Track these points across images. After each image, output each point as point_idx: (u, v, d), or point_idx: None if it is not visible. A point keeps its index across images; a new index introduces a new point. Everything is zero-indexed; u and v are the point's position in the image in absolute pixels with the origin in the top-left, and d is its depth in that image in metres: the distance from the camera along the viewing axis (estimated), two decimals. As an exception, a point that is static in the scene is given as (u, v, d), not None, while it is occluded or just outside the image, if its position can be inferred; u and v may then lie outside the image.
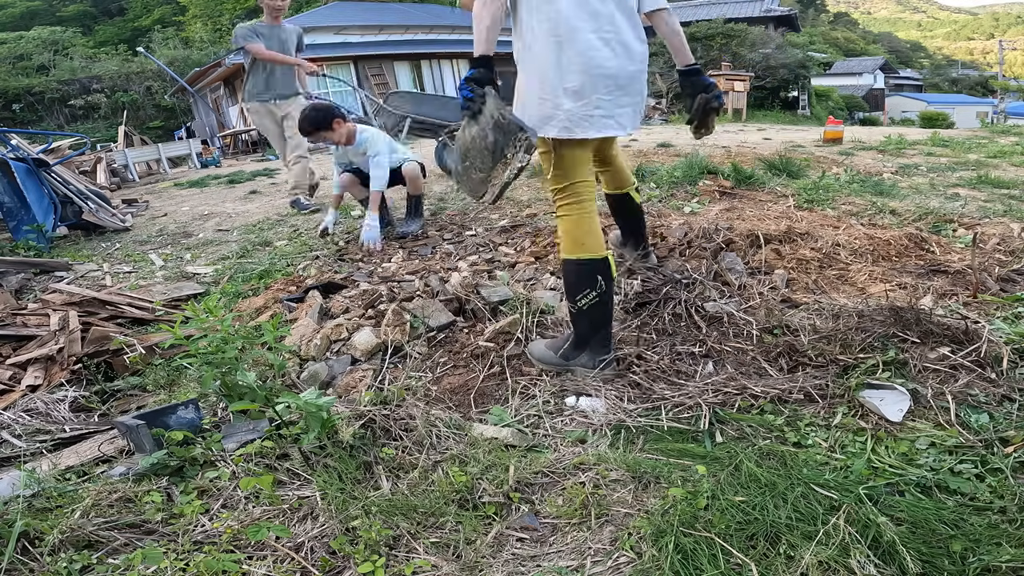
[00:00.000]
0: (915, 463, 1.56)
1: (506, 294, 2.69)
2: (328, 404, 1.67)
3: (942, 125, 16.83)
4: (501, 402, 2.07)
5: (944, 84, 47.99)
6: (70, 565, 1.30)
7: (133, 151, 9.89)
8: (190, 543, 1.38)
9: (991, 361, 1.94)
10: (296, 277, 3.40)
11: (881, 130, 11.79)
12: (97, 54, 27.84)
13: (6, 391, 2.25)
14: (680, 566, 1.24)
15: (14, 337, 2.58)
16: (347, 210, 4.98)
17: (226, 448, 1.74)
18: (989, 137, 8.21)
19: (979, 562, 1.19)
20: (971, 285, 2.63)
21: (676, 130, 12.00)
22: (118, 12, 38.03)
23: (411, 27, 22.04)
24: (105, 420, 2.13)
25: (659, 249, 3.33)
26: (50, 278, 3.80)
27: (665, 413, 1.91)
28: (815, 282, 2.84)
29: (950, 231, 3.58)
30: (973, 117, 24.34)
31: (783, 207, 4.08)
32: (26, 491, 1.53)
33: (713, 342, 2.30)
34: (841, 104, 23.80)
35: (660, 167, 5.59)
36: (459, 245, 3.75)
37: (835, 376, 1.98)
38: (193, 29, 31.48)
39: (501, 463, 1.65)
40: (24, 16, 33.89)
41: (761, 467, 1.52)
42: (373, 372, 2.27)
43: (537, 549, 1.39)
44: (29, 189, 4.79)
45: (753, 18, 25.08)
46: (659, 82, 19.78)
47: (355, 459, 1.66)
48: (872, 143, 7.75)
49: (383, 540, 1.37)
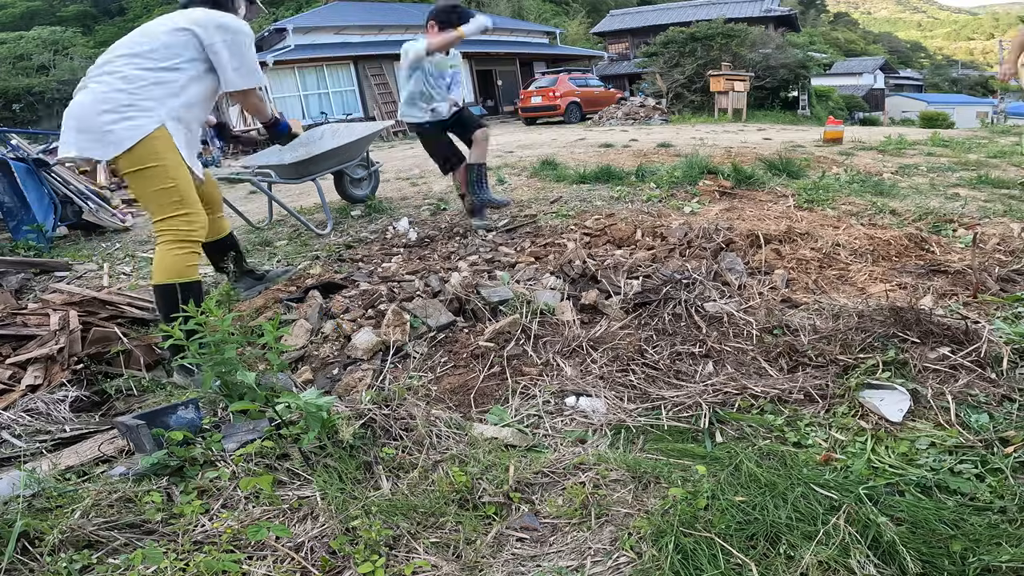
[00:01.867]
0: (915, 463, 1.56)
1: (506, 294, 2.69)
2: (328, 404, 1.66)
3: (942, 125, 16.83)
4: (501, 402, 2.07)
5: (944, 84, 48.03)
6: (70, 565, 1.30)
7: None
8: (190, 543, 1.38)
9: (991, 361, 1.94)
10: (296, 277, 3.39)
11: (881, 130, 11.79)
12: (97, 54, 27.80)
13: (6, 391, 2.25)
14: (680, 566, 1.24)
15: (14, 337, 2.58)
16: (347, 210, 4.99)
17: (226, 448, 1.74)
18: (989, 137, 8.20)
19: (979, 562, 1.19)
20: (971, 285, 2.63)
21: (676, 130, 12.01)
22: (118, 12, 38.06)
23: (411, 27, 22.01)
24: (105, 420, 2.13)
25: (659, 249, 3.33)
26: (50, 278, 3.80)
27: (665, 413, 1.91)
28: (815, 282, 2.85)
29: (950, 231, 3.58)
30: (973, 117, 24.33)
31: (783, 207, 4.08)
32: (26, 491, 1.53)
33: (713, 342, 2.30)
34: (841, 104, 23.78)
35: (660, 167, 5.59)
36: (459, 245, 3.75)
37: (835, 376, 1.98)
38: (193, 29, 31.46)
39: (501, 463, 1.65)
40: (24, 16, 33.90)
41: (761, 467, 1.52)
42: (373, 372, 2.28)
43: (537, 549, 1.39)
44: (29, 189, 4.79)
45: (753, 18, 25.10)
46: (659, 82, 19.78)
47: (355, 459, 1.66)
48: (872, 143, 7.75)
49: (383, 540, 1.37)
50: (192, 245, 2.42)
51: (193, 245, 2.43)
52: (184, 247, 2.39)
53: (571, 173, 5.49)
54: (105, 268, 4.05)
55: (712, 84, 17.07)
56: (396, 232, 4.19)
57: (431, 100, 3.86)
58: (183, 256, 2.38)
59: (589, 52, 27.82)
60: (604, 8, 37.70)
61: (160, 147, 2.31)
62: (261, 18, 30.81)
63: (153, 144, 2.29)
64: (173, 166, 2.34)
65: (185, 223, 2.39)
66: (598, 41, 33.08)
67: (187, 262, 2.39)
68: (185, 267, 2.38)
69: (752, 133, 10.66)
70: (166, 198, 2.35)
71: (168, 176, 2.33)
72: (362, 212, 4.88)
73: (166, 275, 2.35)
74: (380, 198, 5.17)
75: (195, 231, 2.42)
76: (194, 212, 2.41)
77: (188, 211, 2.39)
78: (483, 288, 2.76)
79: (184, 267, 2.37)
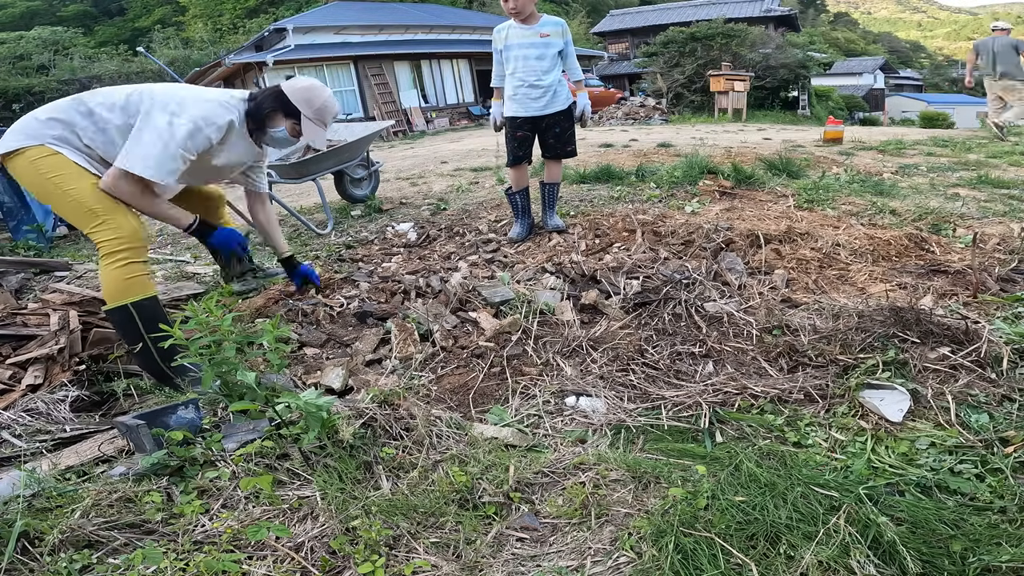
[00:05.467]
0: (915, 463, 1.56)
1: (507, 294, 2.69)
2: (328, 404, 1.66)
3: (942, 125, 16.82)
4: (501, 402, 2.07)
5: (944, 84, 48.03)
6: (70, 565, 1.30)
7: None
8: (190, 543, 1.38)
9: (991, 361, 1.94)
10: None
11: (881, 130, 11.79)
12: (97, 54, 27.87)
13: (6, 391, 2.25)
14: (680, 566, 1.23)
15: (14, 337, 2.58)
16: (347, 210, 4.99)
17: (226, 448, 1.74)
18: (989, 137, 8.20)
19: (979, 562, 1.19)
20: (971, 285, 2.63)
21: (676, 130, 12.01)
22: (118, 12, 38.06)
23: (411, 27, 22.05)
24: (105, 420, 2.13)
25: (659, 249, 3.33)
26: (50, 278, 3.80)
27: (665, 413, 1.91)
28: (815, 282, 2.85)
29: (950, 231, 3.58)
30: (973, 117, 24.32)
31: (783, 207, 4.08)
32: (26, 491, 1.53)
33: (713, 342, 2.30)
34: (841, 104, 23.79)
35: (660, 167, 5.59)
36: (459, 245, 3.75)
37: (835, 376, 1.98)
38: (193, 29, 31.52)
39: (501, 463, 1.65)
40: (24, 16, 33.91)
41: (761, 467, 1.52)
42: (374, 372, 2.27)
43: (537, 549, 1.39)
44: (29, 189, 4.79)
45: (753, 18, 25.12)
46: (659, 82, 19.78)
47: (355, 459, 1.66)
48: (872, 143, 7.75)
49: (383, 540, 1.37)
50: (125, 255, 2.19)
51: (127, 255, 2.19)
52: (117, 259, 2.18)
53: (571, 173, 5.49)
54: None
55: (712, 84, 17.09)
56: (396, 232, 4.19)
57: None
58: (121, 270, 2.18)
59: (589, 52, 27.82)
60: (604, 8, 37.74)
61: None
62: (261, 17, 30.81)
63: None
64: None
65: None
66: (598, 41, 33.09)
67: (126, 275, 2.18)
68: (125, 282, 2.18)
69: (752, 133, 10.65)
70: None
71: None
72: (362, 212, 4.88)
73: (110, 297, 2.19)
74: (380, 198, 5.18)
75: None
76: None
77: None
78: (483, 288, 2.76)
79: (125, 283, 2.18)
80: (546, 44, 3.43)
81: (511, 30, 3.46)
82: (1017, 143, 7.28)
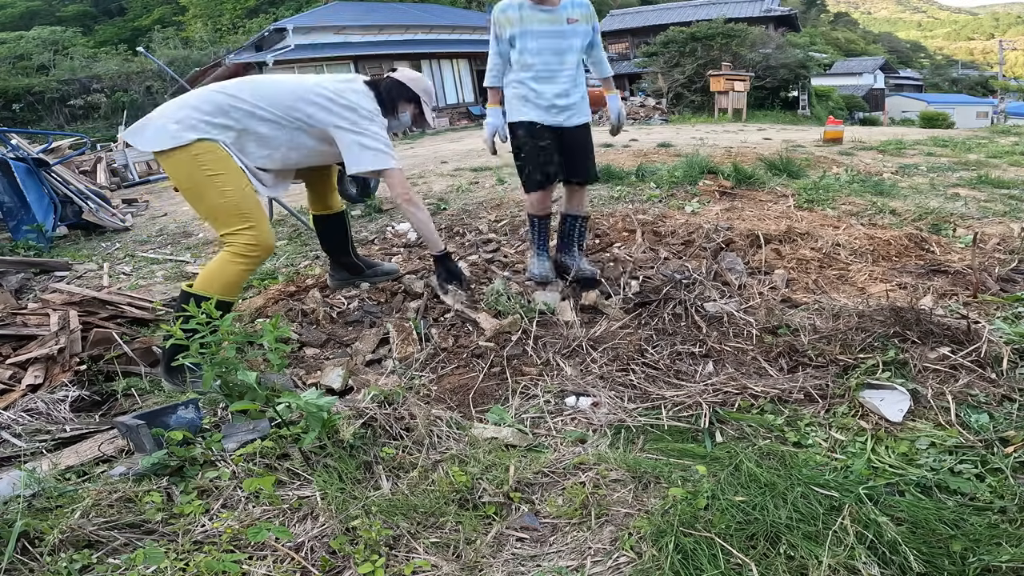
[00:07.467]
0: (915, 463, 1.56)
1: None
2: (328, 404, 1.66)
3: (942, 125, 16.84)
4: (501, 402, 2.07)
5: (944, 84, 48.03)
6: (70, 565, 1.30)
7: (133, 151, 9.88)
8: (190, 543, 1.38)
9: (991, 361, 1.94)
10: (297, 277, 3.39)
11: (881, 130, 11.80)
12: (97, 54, 27.84)
13: (6, 391, 2.25)
14: (680, 566, 1.23)
15: (14, 337, 2.58)
16: (347, 210, 4.98)
17: (226, 448, 1.74)
18: (989, 137, 8.20)
19: (979, 562, 1.19)
20: (971, 285, 2.63)
21: (676, 130, 12.01)
22: (118, 12, 38.05)
23: (411, 27, 22.03)
24: (105, 420, 2.13)
25: (659, 249, 3.33)
26: (50, 278, 3.80)
27: (665, 413, 1.91)
28: (815, 282, 2.84)
29: (950, 231, 3.58)
30: (973, 117, 24.35)
31: (783, 207, 4.08)
32: (26, 491, 1.53)
33: (713, 342, 2.30)
34: (841, 104, 23.79)
35: (660, 167, 5.59)
36: (459, 245, 3.75)
37: (835, 376, 1.98)
38: (193, 29, 31.50)
39: (501, 463, 1.65)
40: (24, 16, 33.90)
41: (761, 467, 1.52)
42: (374, 372, 2.27)
43: (537, 549, 1.39)
44: (29, 189, 4.80)
45: (753, 18, 25.10)
46: (659, 82, 19.78)
47: (355, 459, 1.66)
48: (872, 143, 7.75)
49: (383, 540, 1.37)
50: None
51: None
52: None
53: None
54: (105, 268, 4.05)
55: (712, 84, 17.09)
56: (396, 232, 4.19)
57: None
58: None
59: (589, 52, 27.75)
60: (604, 8, 37.68)
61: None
62: (261, 17, 30.79)
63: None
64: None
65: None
66: (598, 41, 33.00)
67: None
68: (231, 282, 2.30)
69: (752, 133, 10.66)
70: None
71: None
72: (362, 212, 4.88)
73: (207, 283, 2.26)
74: (380, 198, 5.17)
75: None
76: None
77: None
78: (483, 288, 2.76)
79: (230, 283, 2.29)
80: (574, 32, 2.66)
81: (526, 11, 2.61)
82: (1017, 143, 7.27)
